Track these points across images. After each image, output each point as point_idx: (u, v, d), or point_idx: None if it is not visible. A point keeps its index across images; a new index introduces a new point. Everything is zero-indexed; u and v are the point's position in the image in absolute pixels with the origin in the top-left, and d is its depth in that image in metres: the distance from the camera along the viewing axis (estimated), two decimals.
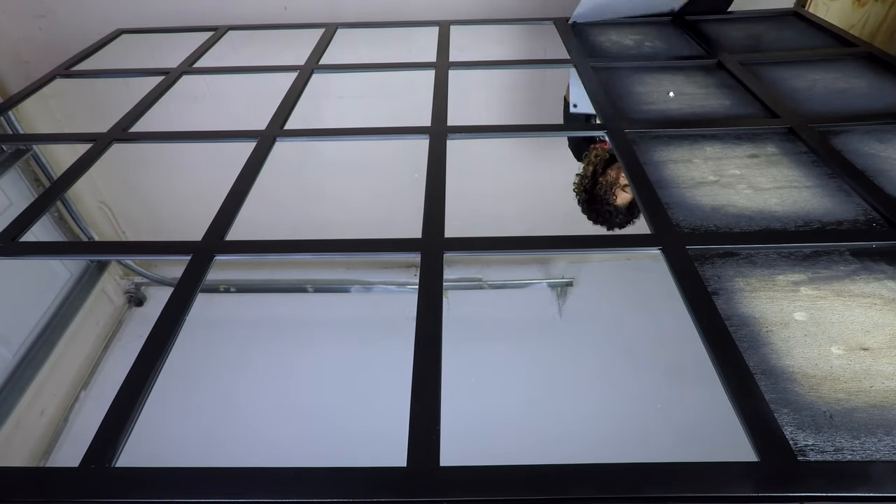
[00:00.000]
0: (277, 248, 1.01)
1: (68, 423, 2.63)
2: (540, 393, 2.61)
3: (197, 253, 0.98)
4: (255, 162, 1.23)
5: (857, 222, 1.00)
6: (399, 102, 2.35)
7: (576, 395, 2.56)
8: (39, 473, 0.72)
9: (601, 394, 2.56)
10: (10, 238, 1.06)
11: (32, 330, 2.59)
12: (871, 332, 0.80)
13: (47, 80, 1.71)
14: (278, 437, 2.46)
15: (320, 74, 1.69)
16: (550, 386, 2.65)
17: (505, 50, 2.42)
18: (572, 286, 3.14)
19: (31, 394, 2.47)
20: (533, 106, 2.58)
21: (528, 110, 2.58)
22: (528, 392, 2.62)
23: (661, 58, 1.65)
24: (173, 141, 1.48)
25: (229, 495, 0.64)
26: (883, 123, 1.27)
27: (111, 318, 3.06)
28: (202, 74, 2.08)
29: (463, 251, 0.98)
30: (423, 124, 1.33)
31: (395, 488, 0.63)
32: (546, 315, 3.09)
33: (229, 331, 2.94)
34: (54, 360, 2.60)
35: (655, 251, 0.96)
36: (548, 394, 2.61)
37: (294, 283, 3.17)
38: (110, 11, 2.28)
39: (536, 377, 2.71)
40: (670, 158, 1.19)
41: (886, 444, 0.66)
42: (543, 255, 3.11)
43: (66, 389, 2.69)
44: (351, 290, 3.18)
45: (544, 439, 2.23)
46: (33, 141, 2.48)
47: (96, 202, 2.96)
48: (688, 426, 2.16)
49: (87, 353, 2.84)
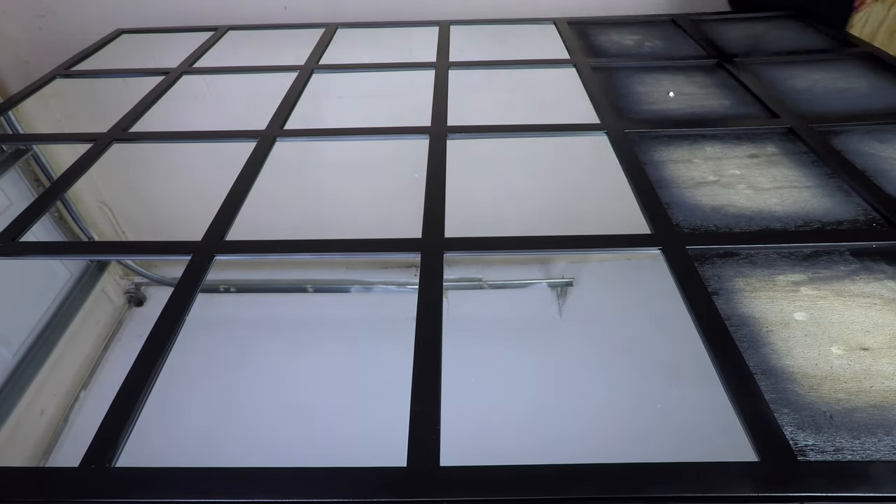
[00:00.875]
0: (277, 248, 1.01)
1: (68, 423, 2.63)
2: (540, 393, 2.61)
3: (197, 253, 0.98)
4: (255, 162, 1.23)
5: (857, 222, 1.00)
6: (399, 102, 2.35)
7: (576, 395, 2.56)
8: (39, 473, 0.72)
9: (601, 394, 2.56)
10: (10, 238, 1.06)
11: (32, 330, 2.58)
12: (871, 332, 0.80)
13: (47, 80, 1.71)
14: (278, 437, 2.46)
15: (320, 74, 1.69)
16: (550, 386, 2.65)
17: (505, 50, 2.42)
18: (572, 286, 3.14)
19: (31, 394, 2.47)
20: (533, 106, 2.58)
21: (528, 110, 2.58)
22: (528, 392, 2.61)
23: (661, 58, 1.65)
24: (173, 141, 1.48)
25: (229, 495, 0.64)
26: (883, 123, 1.27)
27: (111, 318, 3.06)
28: (202, 74, 2.08)
29: (463, 251, 0.98)
30: (423, 124, 1.33)
31: (396, 488, 0.63)
32: (546, 315, 3.09)
33: (229, 331, 2.94)
34: (54, 360, 2.60)
35: (655, 251, 0.96)
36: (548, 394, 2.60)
37: (294, 283, 3.16)
38: (110, 11, 2.28)
39: (536, 377, 2.71)
40: (670, 158, 1.19)
41: (886, 444, 0.66)
42: (543, 255, 3.11)
43: (66, 389, 2.69)
44: (351, 290, 3.18)
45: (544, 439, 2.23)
46: (33, 141, 2.48)
47: (96, 202, 2.96)
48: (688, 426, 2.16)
49: (87, 353, 2.84)
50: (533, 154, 2.86)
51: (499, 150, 2.83)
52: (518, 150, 2.85)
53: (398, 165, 2.52)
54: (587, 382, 2.63)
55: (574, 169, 2.87)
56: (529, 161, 2.88)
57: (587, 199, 2.84)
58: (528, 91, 2.56)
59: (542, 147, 2.76)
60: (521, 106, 2.57)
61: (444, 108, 1.40)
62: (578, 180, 2.91)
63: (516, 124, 1.38)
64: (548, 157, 2.84)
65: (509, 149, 2.84)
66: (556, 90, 2.54)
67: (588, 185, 2.88)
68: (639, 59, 1.66)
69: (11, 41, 2.39)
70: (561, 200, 2.94)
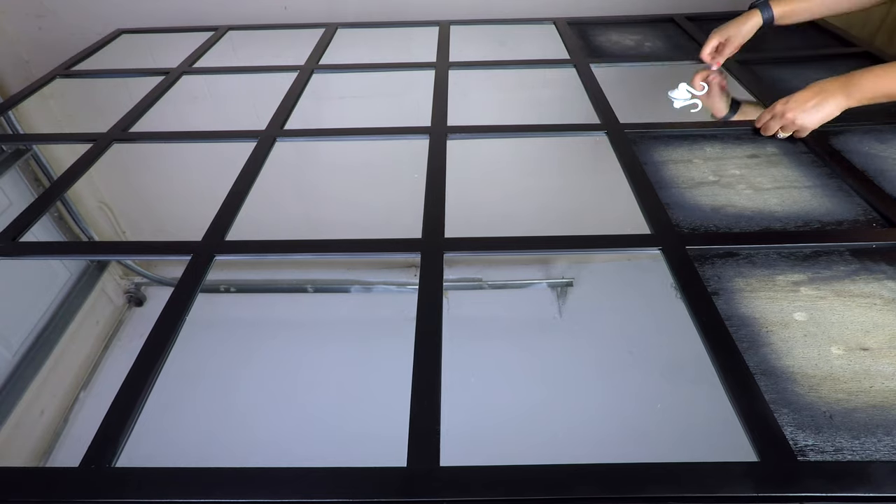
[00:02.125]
0: (277, 248, 1.01)
1: (68, 423, 2.62)
2: (540, 393, 2.61)
3: (197, 253, 0.98)
4: (255, 162, 1.23)
5: (857, 222, 1.00)
6: (399, 102, 2.35)
7: (576, 395, 2.56)
8: (39, 473, 0.71)
9: (601, 394, 2.56)
10: (10, 238, 1.06)
11: (32, 330, 2.58)
12: (870, 333, 0.80)
13: (47, 80, 1.71)
14: (278, 437, 2.46)
15: (320, 74, 1.69)
16: (550, 386, 2.65)
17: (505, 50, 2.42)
18: (572, 286, 3.14)
19: (31, 394, 2.47)
20: (533, 106, 2.58)
21: (528, 110, 2.58)
22: (527, 392, 2.61)
23: (661, 58, 1.65)
24: (173, 141, 1.48)
25: (229, 495, 0.64)
26: (883, 123, 1.27)
27: (111, 318, 3.06)
28: (202, 74, 2.08)
29: (463, 251, 0.98)
30: (423, 124, 1.33)
31: (395, 488, 0.63)
32: (546, 315, 3.09)
33: (229, 331, 2.94)
34: (54, 360, 2.60)
35: (655, 251, 0.96)
36: (548, 394, 2.60)
37: (294, 283, 3.16)
38: (110, 11, 2.28)
39: (536, 377, 2.71)
40: (670, 158, 1.19)
41: (886, 444, 0.66)
42: (543, 256, 3.11)
43: (66, 389, 2.69)
44: (351, 290, 3.18)
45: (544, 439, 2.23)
46: (33, 141, 2.48)
47: (96, 202, 2.96)
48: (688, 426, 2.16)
49: (87, 353, 2.84)
50: (533, 154, 2.86)
51: (499, 150, 2.84)
52: (518, 150, 2.85)
53: (398, 165, 2.52)
54: (587, 382, 2.63)
55: (574, 169, 2.87)
56: (529, 161, 2.88)
57: (587, 200, 2.84)
58: (528, 91, 2.57)
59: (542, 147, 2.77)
60: (521, 106, 2.57)
61: (444, 108, 1.40)
62: (578, 180, 2.91)
63: (516, 124, 1.38)
64: (548, 157, 2.85)
65: (509, 149, 2.84)
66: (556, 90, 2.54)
67: (588, 185, 2.89)
68: (639, 59, 1.66)
69: (11, 41, 2.38)
70: (561, 200, 2.94)
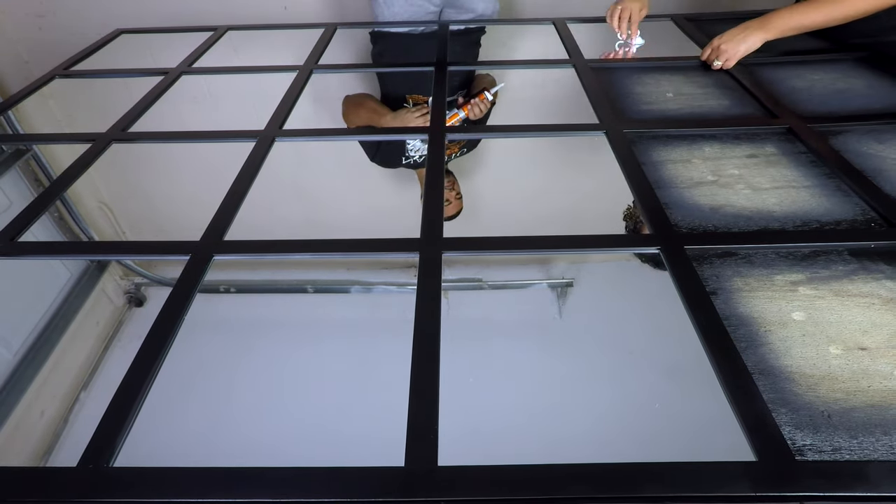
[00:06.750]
0: (277, 248, 1.01)
1: (68, 423, 2.63)
2: (539, 393, 2.61)
3: (196, 253, 0.98)
4: (255, 162, 1.23)
5: (855, 222, 1.00)
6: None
7: (575, 396, 2.56)
8: (38, 473, 0.72)
9: (601, 394, 2.56)
10: (10, 238, 1.06)
11: (32, 330, 2.59)
12: (869, 332, 0.80)
13: (47, 79, 1.70)
14: (277, 437, 2.46)
15: (320, 74, 1.69)
16: (550, 386, 2.65)
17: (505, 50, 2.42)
18: (572, 286, 3.14)
19: (31, 394, 2.47)
20: (533, 106, 2.58)
21: (528, 110, 2.58)
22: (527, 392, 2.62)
23: (660, 58, 1.65)
24: (173, 141, 1.48)
25: (228, 495, 0.64)
26: (882, 123, 1.27)
27: (111, 318, 3.06)
28: (201, 74, 2.08)
29: (462, 251, 0.98)
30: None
31: (394, 488, 0.63)
32: (546, 315, 3.09)
33: (229, 331, 2.95)
34: (54, 360, 2.60)
35: (654, 251, 0.96)
36: (547, 394, 2.61)
37: (294, 283, 3.17)
38: (110, 11, 2.28)
39: (536, 377, 2.71)
40: (669, 158, 1.19)
41: (884, 443, 0.66)
42: (543, 256, 3.11)
43: (66, 390, 2.70)
44: (351, 290, 3.18)
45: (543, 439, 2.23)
46: (33, 141, 2.48)
47: (96, 202, 2.96)
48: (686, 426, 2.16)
49: (87, 354, 2.85)
50: (533, 154, 2.86)
51: (498, 150, 2.84)
52: (518, 149, 2.85)
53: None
54: (587, 383, 2.64)
55: (573, 169, 2.87)
56: (529, 161, 2.88)
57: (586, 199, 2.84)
58: (528, 91, 2.57)
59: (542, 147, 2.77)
60: (520, 106, 2.57)
61: (442, 108, 1.40)
62: (577, 180, 2.91)
63: (516, 124, 1.38)
64: (547, 157, 2.85)
65: (509, 148, 2.84)
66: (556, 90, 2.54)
67: (587, 185, 2.89)
68: (638, 59, 1.66)
69: (11, 41, 2.39)
70: (560, 200, 2.94)
